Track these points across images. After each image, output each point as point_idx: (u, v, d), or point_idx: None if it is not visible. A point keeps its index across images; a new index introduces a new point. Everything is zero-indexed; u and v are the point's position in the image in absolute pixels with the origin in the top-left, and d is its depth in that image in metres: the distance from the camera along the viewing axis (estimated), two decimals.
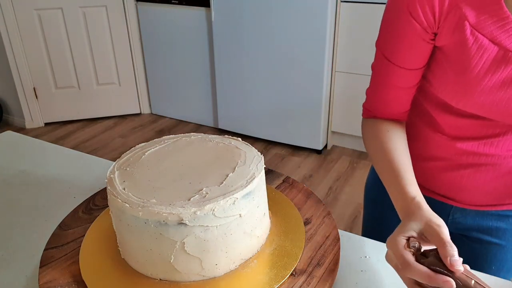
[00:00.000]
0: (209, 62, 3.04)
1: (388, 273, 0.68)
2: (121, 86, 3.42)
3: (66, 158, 1.07)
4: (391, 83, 0.72)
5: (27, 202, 0.89)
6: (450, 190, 0.79)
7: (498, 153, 0.71)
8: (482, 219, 0.81)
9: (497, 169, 0.73)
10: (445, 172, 0.77)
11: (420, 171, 0.79)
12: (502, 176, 0.73)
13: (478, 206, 0.78)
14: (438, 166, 0.77)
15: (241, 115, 3.00)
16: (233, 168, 0.63)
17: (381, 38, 0.70)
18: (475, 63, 0.61)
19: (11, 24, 2.99)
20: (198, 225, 0.54)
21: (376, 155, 0.74)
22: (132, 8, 3.20)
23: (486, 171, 0.73)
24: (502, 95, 0.62)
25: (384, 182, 0.71)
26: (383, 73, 0.72)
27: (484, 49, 0.60)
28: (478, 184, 0.75)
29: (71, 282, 0.60)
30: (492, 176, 0.74)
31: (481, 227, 0.82)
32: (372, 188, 0.94)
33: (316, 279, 0.59)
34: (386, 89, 0.73)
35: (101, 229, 0.70)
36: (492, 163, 0.72)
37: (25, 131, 3.25)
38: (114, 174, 0.63)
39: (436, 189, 0.81)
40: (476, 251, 0.85)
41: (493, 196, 0.76)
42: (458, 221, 0.83)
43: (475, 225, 0.82)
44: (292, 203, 0.75)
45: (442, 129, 0.74)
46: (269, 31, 2.62)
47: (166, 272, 0.58)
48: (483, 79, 0.62)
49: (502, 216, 0.79)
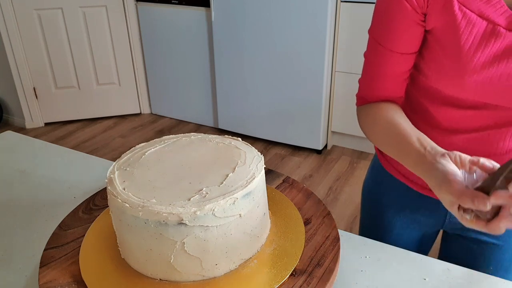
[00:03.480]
0: (209, 62, 3.04)
1: (388, 273, 0.68)
2: (121, 86, 3.42)
3: (66, 158, 1.07)
4: (384, 69, 0.73)
5: (27, 202, 0.89)
6: None
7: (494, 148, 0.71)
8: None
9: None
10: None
11: None
12: None
13: None
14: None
15: (241, 115, 3.00)
16: (233, 168, 0.63)
17: (374, 24, 0.72)
18: (465, 39, 0.62)
19: (11, 24, 2.99)
20: (198, 225, 0.54)
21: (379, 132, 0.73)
22: (132, 8, 3.20)
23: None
24: (494, 71, 0.62)
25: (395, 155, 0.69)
26: (375, 59, 0.73)
27: (472, 24, 0.61)
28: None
29: (71, 282, 0.60)
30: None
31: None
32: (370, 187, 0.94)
33: (316, 279, 0.59)
34: (379, 75, 0.74)
35: (101, 229, 0.70)
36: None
37: (25, 131, 3.25)
38: (114, 174, 0.63)
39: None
40: (473, 251, 0.84)
41: None
42: (455, 221, 0.83)
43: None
44: (292, 203, 0.75)
45: (438, 123, 0.74)
46: (269, 31, 2.62)
47: (166, 272, 0.58)
48: (475, 55, 0.62)
49: None
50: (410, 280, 0.66)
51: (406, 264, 0.70)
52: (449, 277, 0.67)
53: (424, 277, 0.67)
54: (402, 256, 0.72)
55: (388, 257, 0.71)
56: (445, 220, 0.85)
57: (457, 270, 0.69)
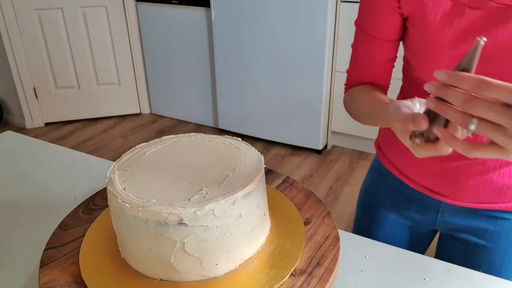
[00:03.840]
0: (209, 62, 3.04)
1: (388, 273, 0.68)
2: (121, 86, 3.42)
3: (66, 158, 1.07)
4: (368, 54, 0.77)
5: (27, 202, 0.89)
6: (438, 184, 0.79)
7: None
8: (470, 219, 0.81)
9: (483, 162, 0.73)
10: (433, 165, 0.78)
11: (410, 164, 0.82)
12: (488, 172, 0.74)
13: (465, 202, 0.78)
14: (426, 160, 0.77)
15: (241, 115, 3.00)
16: (233, 168, 0.63)
17: (359, 14, 0.77)
18: (433, 18, 0.66)
19: (11, 24, 3.00)
20: (198, 225, 0.54)
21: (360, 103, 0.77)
22: (132, 8, 3.20)
23: (472, 165, 0.74)
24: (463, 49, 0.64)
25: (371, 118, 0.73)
26: (362, 47, 0.78)
27: (439, 3, 0.65)
28: (465, 179, 0.75)
29: (71, 282, 0.60)
30: (477, 170, 0.74)
31: (469, 228, 0.82)
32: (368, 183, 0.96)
33: (316, 279, 0.59)
34: (364, 61, 0.78)
35: (101, 229, 0.70)
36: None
37: (25, 131, 3.25)
38: (114, 174, 0.63)
39: (425, 183, 0.81)
40: (464, 253, 0.85)
41: (481, 193, 0.76)
42: (447, 220, 0.84)
43: (463, 225, 0.82)
44: (292, 203, 0.75)
45: None
46: (269, 31, 2.62)
47: (166, 272, 0.58)
48: (442, 33, 0.65)
49: (490, 217, 0.79)
50: (410, 280, 0.66)
51: (406, 264, 0.70)
52: (449, 277, 0.67)
53: (424, 277, 0.67)
54: (402, 256, 0.72)
55: (388, 257, 0.71)
56: (437, 219, 0.85)
57: (457, 270, 0.69)
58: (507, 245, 0.80)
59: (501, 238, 0.80)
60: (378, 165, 0.92)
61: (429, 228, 0.89)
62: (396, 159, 0.85)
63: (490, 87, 0.41)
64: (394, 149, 0.86)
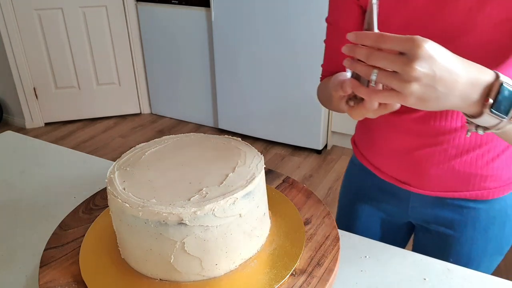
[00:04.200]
0: (209, 62, 3.04)
1: (388, 273, 0.68)
2: (121, 86, 3.42)
3: (66, 158, 1.07)
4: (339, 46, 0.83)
5: (27, 202, 0.89)
6: (406, 174, 0.82)
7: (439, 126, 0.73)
8: (438, 209, 0.83)
9: (445, 150, 0.75)
10: (400, 155, 0.80)
11: (380, 156, 0.85)
12: (450, 160, 0.76)
13: (431, 191, 0.81)
14: (394, 149, 0.81)
15: (241, 115, 3.00)
16: (233, 168, 0.63)
17: (328, 10, 0.82)
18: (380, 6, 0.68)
19: (11, 24, 3.00)
20: (198, 225, 0.54)
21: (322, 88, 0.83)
22: (132, 8, 3.20)
23: (434, 153, 0.76)
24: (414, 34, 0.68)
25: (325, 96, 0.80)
26: (331, 40, 0.83)
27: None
28: (429, 168, 0.78)
29: (71, 282, 0.60)
30: (440, 159, 0.76)
31: (438, 219, 0.84)
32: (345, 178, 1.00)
33: (316, 279, 0.59)
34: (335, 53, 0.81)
35: (101, 229, 0.70)
36: (440, 142, 0.74)
37: (25, 131, 3.25)
38: (114, 174, 0.63)
39: (394, 174, 0.84)
40: (436, 244, 0.87)
41: (444, 181, 0.78)
42: (417, 210, 0.86)
43: (432, 216, 0.85)
44: (292, 203, 0.75)
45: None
46: (269, 31, 2.62)
47: (166, 272, 0.58)
48: (390, 20, 0.68)
49: (456, 207, 0.81)
50: (410, 280, 0.66)
51: (406, 264, 0.70)
52: (449, 277, 0.67)
53: (424, 277, 0.67)
54: (402, 256, 0.72)
55: (388, 257, 0.71)
56: (408, 210, 0.88)
57: (457, 270, 0.69)
58: (474, 234, 0.81)
59: (467, 227, 0.81)
60: (354, 160, 0.95)
61: (404, 220, 0.92)
62: (369, 153, 0.89)
63: (387, 40, 0.47)
64: (366, 143, 0.89)
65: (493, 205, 0.79)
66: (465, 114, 0.53)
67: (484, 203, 0.79)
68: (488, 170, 0.75)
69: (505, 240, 0.83)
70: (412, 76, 0.46)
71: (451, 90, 0.48)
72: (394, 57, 0.47)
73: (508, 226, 0.81)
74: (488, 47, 0.63)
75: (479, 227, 0.80)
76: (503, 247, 0.84)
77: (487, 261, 0.84)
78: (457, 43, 0.63)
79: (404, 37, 0.46)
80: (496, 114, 0.49)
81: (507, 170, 0.77)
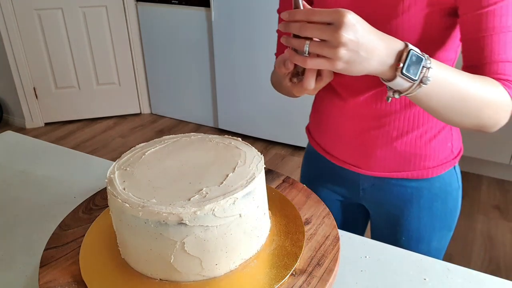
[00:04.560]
0: (209, 62, 3.04)
1: (388, 273, 0.68)
2: (121, 86, 3.42)
3: (66, 158, 1.07)
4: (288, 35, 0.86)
5: (27, 202, 0.89)
6: (354, 157, 0.87)
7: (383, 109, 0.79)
8: (385, 190, 0.88)
9: (387, 132, 0.81)
10: (349, 139, 0.86)
11: (331, 141, 0.91)
12: (392, 141, 0.82)
13: (377, 172, 0.86)
14: (343, 133, 0.86)
15: (241, 115, 3.00)
16: (233, 168, 0.63)
17: (279, 1, 0.86)
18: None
19: (11, 24, 3.00)
20: (198, 225, 0.54)
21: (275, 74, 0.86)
22: (132, 8, 3.20)
23: (378, 136, 0.82)
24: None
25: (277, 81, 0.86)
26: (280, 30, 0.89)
27: None
28: (374, 149, 0.83)
29: (71, 282, 0.60)
30: (383, 141, 0.82)
31: (386, 200, 0.89)
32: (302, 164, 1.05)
33: (316, 279, 0.59)
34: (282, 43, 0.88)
35: (101, 229, 0.70)
36: (382, 125, 0.81)
37: (25, 131, 3.26)
38: (114, 174, 0.63)
39: (344, 158, 0.89)
40: (387, 225, 0.92)
41: (388, 162, 0.84)
42: (367, 192, 0.91)
43: (381, 197, 0.90)
44: (292, 203, 0.75)
45: (339, 94, 0.84)
46: (269, 31, 2.62)
47: (166, 272, 0.58)
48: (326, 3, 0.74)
49: (401, 187, 0.86)
50: (410, 280, 0.66)
51: (406, 264, 0.70)
52: (449, 277, 0.67)
53: (424, 277, 0.67)
54: (402, 256, 0.72)
55: (388, 257, 0.71)
56: (360, 193, 0.92)
57: (457, 270, 0.69)
58: (420, 212, 0.87)
59: (413, 206, 0.87)
60: (309, 148, 1.01)
61: (356, 202, 0.96)
62: (321, 139, 0.94)
63: (316, 13, 0.54)
64: (319, 130, 0.94)
65: (433, 183, 0.85)
66: (383, 79, 0.60)
67: (425, 181, 0.85)
68: (427, 150, 0.82)
69: (449, 216, 0.89)
70: (340, 42, 0.52)
71: (371, 55, 0.55)
72: (323, 27, 0.53)
73: (450, 202, 0.87)
74: (418, 31, 0.69)
75: (424, 204, 0.86)
76: (449, 222, 0.89)
77: (437, 237, 0.89)
78: (389, 25, 0.70)
79: (330, 10, 0.53)
80: (406, 76, 0.56)
81: (444, 149, 0.83)
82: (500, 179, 2.58)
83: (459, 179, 0.88)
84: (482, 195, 2.45)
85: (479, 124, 0.66)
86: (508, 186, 2.53)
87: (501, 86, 0.64)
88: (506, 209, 2.32)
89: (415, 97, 0.60)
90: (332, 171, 0.94)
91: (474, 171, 2.65)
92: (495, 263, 1.94)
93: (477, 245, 2.06)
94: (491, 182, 2.57)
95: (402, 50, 0.56)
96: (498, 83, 0.64)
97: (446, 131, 0.82)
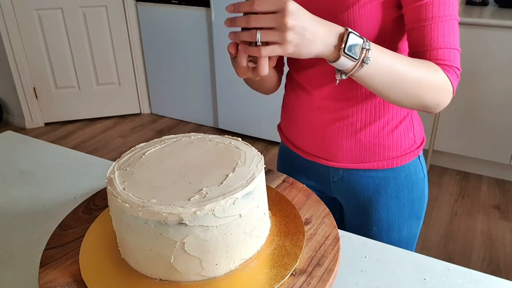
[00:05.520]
0: (209, 62, 3.04)
1: (388, 273, 0.68)
2: (121, 86, 3.42)
3: (66, 158, 1.07)
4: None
5: (27, 202, 0.89)
6: (322, 149, 0.89)
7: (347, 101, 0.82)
8: (354, 181, 0.90)
9: (351, 124, 0.84)
10: (317, 132, 0.88)
11: (301, 136, 0.92)
12: (356, 133, 0.84)
13: (345, 163, 0.88)
14: (311, 127, 0.89)
15: (241, 115, 3.00)
16: (233, 168, 0.63)
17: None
18: None
19: (11, 24, 3.00)
20: (198, 225, 0.54)
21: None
22: (132, 8, 3.20)
23: (343, 127, 0.84)
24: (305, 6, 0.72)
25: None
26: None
27: None
28: (340, 141, 0.86)
29: (71, 282, 0.60)
30: (348, 132, 0.84)
31: (355, 191, 0.91)
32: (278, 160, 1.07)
33: (316, 279, 0.59)
34: None
35: (101, 229, 0.70)
36: (346, 116, 0.83)
37: (25, 131, 3.26)
38: (114, 174, 0.63)
39: (314, 151, 0.91)
40: (358, 217, 0.93)
41: (354, 153, 0.86)
42: (338, 184, 0.93)
43: (351, 188, 0.91)
44: (292, 203, 0.75)
45: (305, 89, 0.87)
46: None
47: (166, 272, 0.58)
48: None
49: (368, 177, 0.89)
50: (410, 280, 0.66)
51: (406, 264, 0.70)
52: (449, 277, 0.67)
53: (424, 277, 0.67)
54: (402, 256, 0.72)
55: (388, 257, 0.71)
56: (331, 186, 0.94)
57: (457, 270, 0.69)
58: (387, 201, 0.89)
59: (380, 195, 0.89)
60: (282, 146, 1.03)
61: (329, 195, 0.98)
62: (292, 135, 0.96)
63: (260, 3, 0.57)
64: (289, 127, 0.96)
65: (399, 172, 0.87)
66: (330, 61, 0.64)
67: (391, 171, 0.87)
68: (390, 140, 0.85)
69: (417, 204, 0.91)
70: (287, 27, 0.56)
71: (316, 37, 0.59)
72: (270, 15, 0.57)
73: (416, 190, 0.89)
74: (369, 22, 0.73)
75: (391, 194, 0.88)
76: (417, 211, 0.92)
77: (407, 225, 0.91)
78: (341, 17, 0.73)
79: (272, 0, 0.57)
80: (349, 55, 0.61)
81: (406, 139, 0.86)
82: (500, 179, 2.59)
83: (424, 168, 0.91)
84: (482, 195, 2.45)
85: (420, 104, 0.71)
86: (508, 186, 2.53)
87: (441, 70, 0.70)
88: (506, 209, 2.32)
89: (359, 77, 0.65)
90: (304, 166, 0.96)
91: (474, 171, 2.65)
92: (495, 263, 1.94)
93: (477, 245, 2.06)
94: (491, 182, 2.57)
95: (343, 33, 0.61)
96: (439, 68, 0.70)
97: (407, 121, 0.85)
